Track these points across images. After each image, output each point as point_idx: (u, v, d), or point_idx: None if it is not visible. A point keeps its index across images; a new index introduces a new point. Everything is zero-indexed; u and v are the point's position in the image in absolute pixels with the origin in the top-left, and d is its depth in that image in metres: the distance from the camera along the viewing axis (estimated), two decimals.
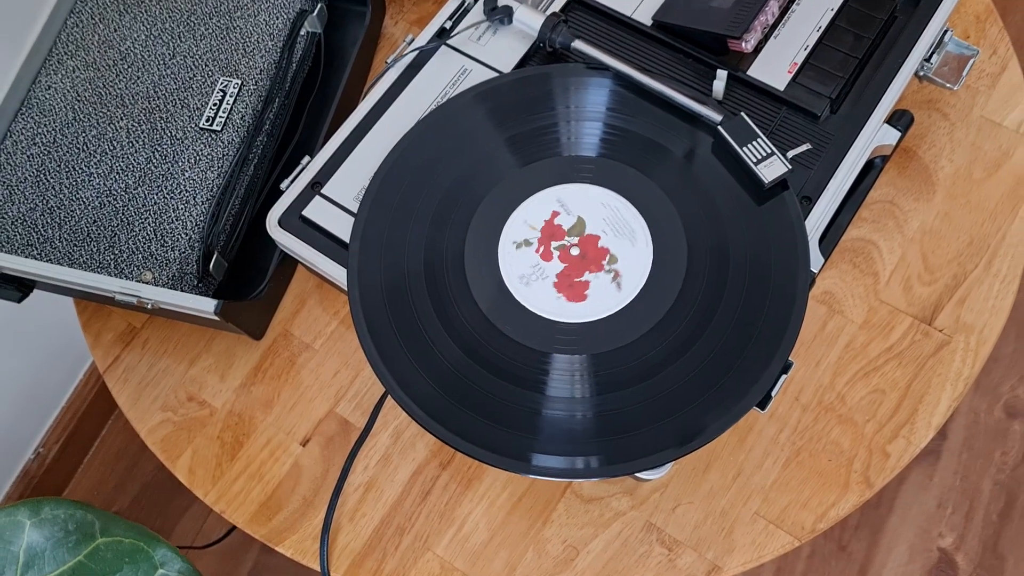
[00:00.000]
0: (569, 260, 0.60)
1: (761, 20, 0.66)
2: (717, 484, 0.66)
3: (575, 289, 0.59)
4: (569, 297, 0.58)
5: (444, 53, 0.70)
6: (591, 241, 0.60)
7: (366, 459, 0.69)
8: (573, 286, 0.59)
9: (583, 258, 0.60)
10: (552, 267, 0.59)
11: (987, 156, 0.74)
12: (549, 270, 0.59)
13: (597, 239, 0.60)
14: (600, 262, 0.59)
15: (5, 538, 0.50)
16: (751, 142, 0.61)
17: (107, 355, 0.74)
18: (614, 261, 0.59)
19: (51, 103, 0.72)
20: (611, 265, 0.59)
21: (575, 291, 0.59)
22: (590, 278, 0.59)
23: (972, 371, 0.68)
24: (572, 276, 0.59)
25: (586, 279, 0.59)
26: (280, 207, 0.65)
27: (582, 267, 0.59)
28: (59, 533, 0.52)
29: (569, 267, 0.59)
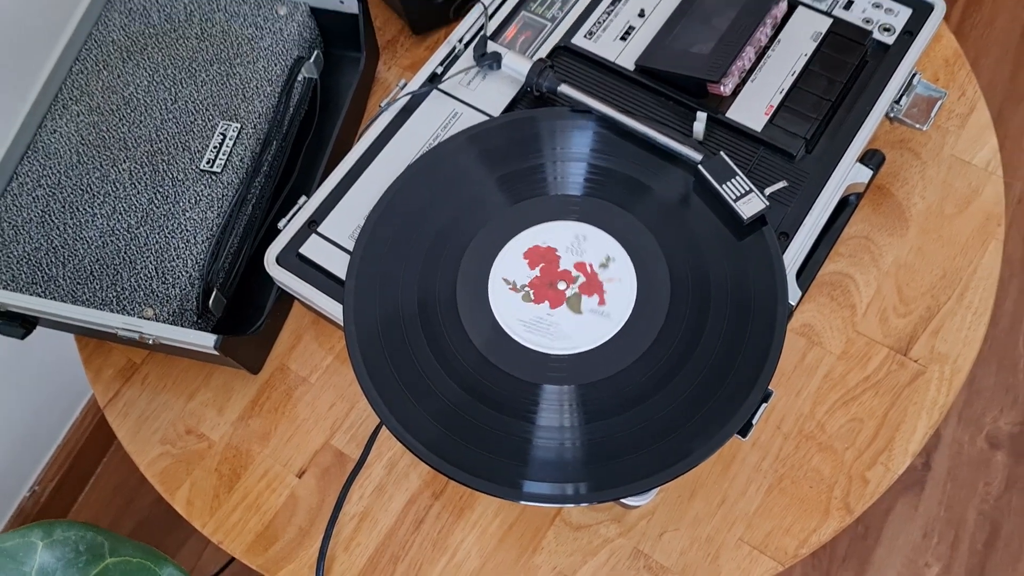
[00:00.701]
0: (556, 294, 0.62)
1: (738, 65, 0.70)
2: (702, 511, 0.68)
3: (554, 320, 0.61)
4: (546, 328, 0.61)
5: (436, 97, 0.73)
6: (578, 276, 0.63)
7: (361, 489, 0.70)
8: (554, 317, 0.61)
9: (570, 292, 0.62)
10: (540, 298, 0.62)
11: (958, 193, 0.77)
12: (536, 299, 0.62)
13: (584, 274, 0.63)
14: (586, 296, 0.62)
15: (18, 559, 0.52)
16: (730, 180, 0.64)
17: (108, 390, 0.76)
18: (601, 294, 0.62)
19: (56, 146, 0.74)
20: (597, 299, 0.62)
21: (554, 322, 0.61)
22: (571, 312, 0.61)
23: (947, 399, 0.70)
24: (558, 307, 0.62)
25: (567, 312, 0.61)
26: (278, 245, 0.68)
27: (557, 300, 0.62)
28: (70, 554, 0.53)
29: (558, 300, 0.62)
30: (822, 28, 0.72)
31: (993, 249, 0.75)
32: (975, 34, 1.69)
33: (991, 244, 0.75)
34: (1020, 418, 1.38)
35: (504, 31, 0.75)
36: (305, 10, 0.79)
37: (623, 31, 0.74)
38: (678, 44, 0.71)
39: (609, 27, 0.74)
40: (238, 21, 0.78)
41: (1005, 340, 1.43)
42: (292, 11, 0.79)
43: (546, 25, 0.75)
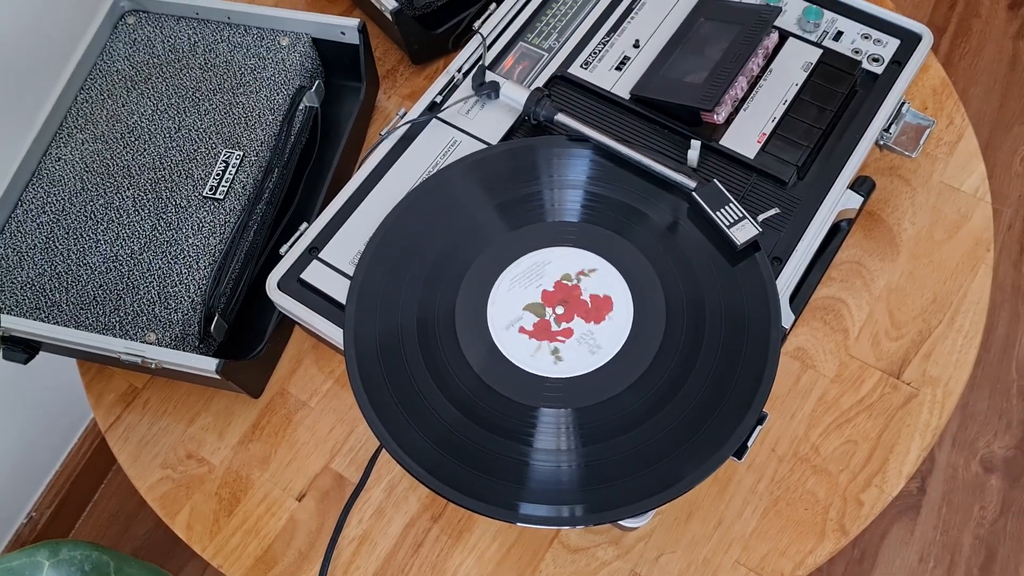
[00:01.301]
0: (556, 318, 0.63)
1: (731, 94, 0.71)
2: (699, 533, 0.68)
3: (553, 345, 0.62)
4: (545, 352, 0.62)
5: (435, 126, 0.74)
6: (575, 301, 0.64)
7: (360, 513, 0.71)
8: (552, 342, 0.62)
9: (567, 317, 0.63)
10: (538, 323, 0.63)
11: (947, 219, 0.79)
12: (533, 324, 0.63)
13: (580, 299, 0.64)
14: (582, 321, 0.63)
15: None
16: (723, 207, 0.65)
17: (109, 415, 0.77)
18: (597, 321, 0.63)
19: (61, 174, 0.75)
20: (594, 324, 0.63)
21: (552, 347, 0.62)
22: (568, 337, 0.62)
23: (940, 422, 0.71)
24: (556, 332, 0.63)
25: (565, 337, 0.62)
26: (279, 271, 0.69)
27: (567, 324, 0.63)
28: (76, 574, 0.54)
29: (555, 324, 0.63)
30: (812, 58, 0.74)
31: (983, 274, 0.76)
32: (963, 64, 1.72)
33: (980, 269, 0.76)
34: (1014, 442, 1.38)
35: (502, 61, 0.77)
36: (307, 41, 0.81)
37: (618, 61, 0.76)
38: (672, 74, 0.72)
39: (605, 57, 0.76)
40: (241, 52, 0.80)
41: (997, 365, 1.44)
42: (294, 42, 0.80)
43: (543, 55, 0.77)
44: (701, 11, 0.76)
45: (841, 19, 0.76)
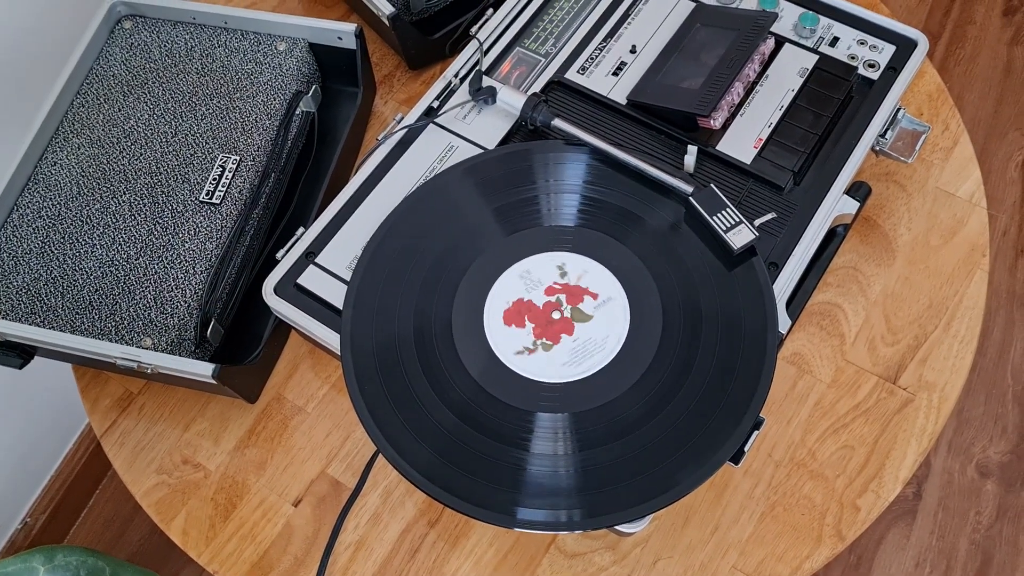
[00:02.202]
0: (552, 323, 0.63)
1: (728, 100, 0.71)
2: (695, 538, 0.68)
3: (548, 349, 0.62)
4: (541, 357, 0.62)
5: (432, 131, 0.74)
6: (572, 305, 0.64)
7: (356, 518, 0.71)
8: (548, 346, 0.62)
9: (563, 322, 0.63)
10: (534, 328, 0.63)
11: (943, 224, 0.79)
12: (530, 329, 0.63)
13: (578, 304, 0.64)
14: (579, 326, 0.63)
15: None
16: (720, 212, 0.65)
17: (104, 420, 0.76)
18: (593, 325, 0.63)
19: (57, 178, 0.75)
20: (590, 328, 0.63)
21: (548, 351, 0.62)
22: (565, 341, 0.62)
23: (936, 427, 0.71)
24: (552, 337, 0.63)
25: (561, 342, 0.62)
26: (276, 276, 0.69)
27: (563, 329, 0.63)
28: None
29: (551, 329, 0.63)
30: (808, 64, 0.74)
31: (978, 279, 0.76)
32: (958, 70, 1.73)
33: (976, 274, 0.76)
34: (1009, 447, 1.39)
35: (499, 66, 0.77)
36: (304, 46, 0.81)
37: (615, 66, 0.76)
38: (669, 79, 0.73)
39: (601, 63, 0.76)
40: (238, 57, 0.80)
41: (993, 370, 1.45)
42: (291, 47, 0.80)
43: (540, 61, 0.77)
44: (697, 17, 0.76)
45: (837, 25, 0.77)
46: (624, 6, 0.79)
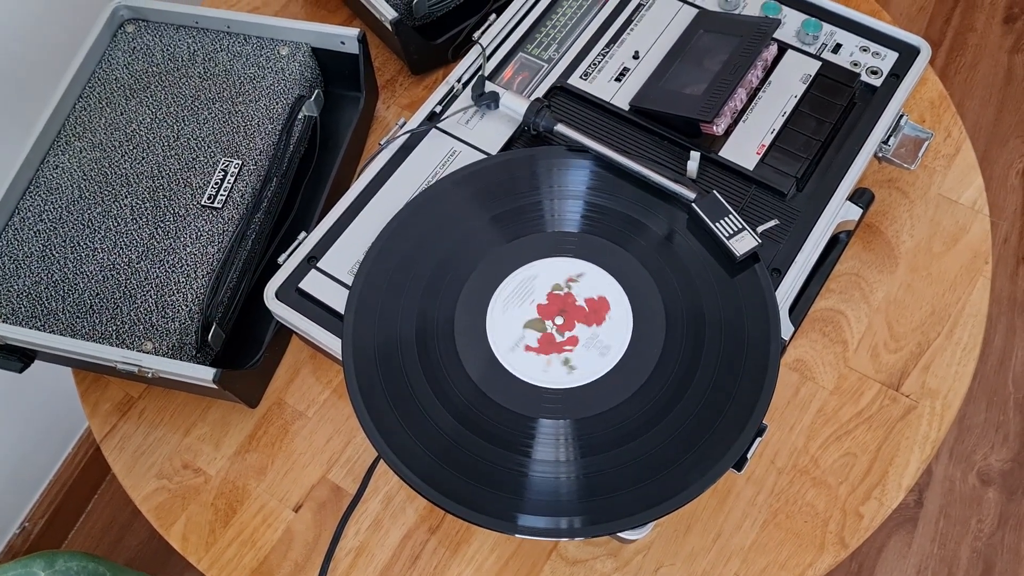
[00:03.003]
0: (555, 328, 0.63)
1: (730, 106, 0.71)
2: (698, 546, 0.68)
3: (551, 356, 0.62)
4: (543, 363, 0.62)
5: (434, 136, 0.74)
6: (575, 311, 0.63)
7: (357, 524, 0.70)
8: (551, 352, 0.62)
9: (567, 326, 0.63)
10: (536, 333, 0.63)
11: (945, 231, 0.79)
12: (532, 335, 0.63)
13: (581, 309, 0.64)
14: (583, 330, 0.63)
15: None
16: (723, 218, 0.65)
17: (104, 424, 0.76)
18: (596, 330, 0.63)
19: (58, 182, 0.75)
20: (594, 333, 0.63)
21: (551, 358, 0.62)
22: (567, 347, 0.62)
23: (939, 434, 0.71)
24: (556, 343, 0.62)
25: (569, 347, 0.62)
26: (277, 280, 0.68)
27: (566, 334, 0.63)
28: None
29: (552, 336, 0.63)
30: (811, 71, 0.74)
31: (981, 286, 0.76)
32: (959, 77, 1.73)
33: (979, 281, 0.76)
34: (1011, 455, 1.38)
35: (501, 72, 0.77)
36: (306, 50, 0.81)
37: (618, 72, 0.76)
38: (672, 85, 0.72)
39: (604, 68, 0.76)
40: (241, 61, 0.80)
41: (994, 378, 1.45)
42: (294, 51, 0.80)
43: (543, 66, 0.77)
44: (700, 23, 0.76)
45: (840, 32, 0.77)
46: (627, 12, 0.79)
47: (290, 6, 0.96)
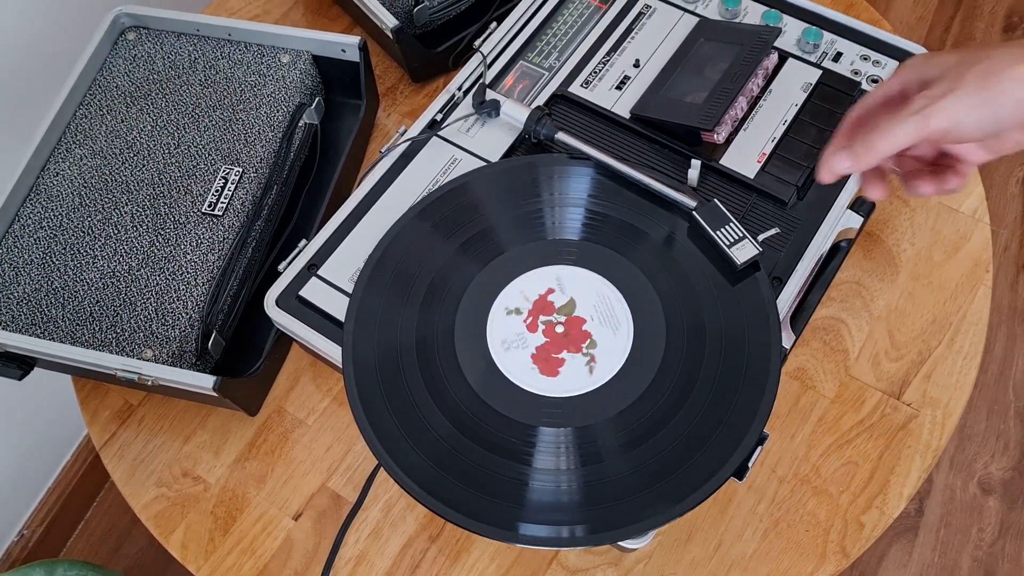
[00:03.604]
0: (554, 336, 0.63)
1: (731, 114, 0.71)
2: (699, 555, 0.68)
3: (552, 364, 0.62)
4: (543, 371, 0.61)
5: (435, 143, 0.74)
6: (576, 319, 0.63)
7: (357, 532, 0.70)
8: (551, 361, 0.62)
9: (566, 336, 0.63)
10: (537, 341, 0.63)
11: (946, 240, 0.79)
12: (533, 343, 0.62)
13: (581, 318, 0.63)
14: (583, 340, 0.63)
15: None
16: (724, 226, 0.65)
17: (104, 432, 0.76)
18: (597, 339, 0.63)
19: (59, 189, 0.75)
20: (594, 342, 0.63)
21: (551, 366, 0.62)
22: (568, 356, 0.62)
23: (940, 443, 0.71)
24: (554, 351, 0.62)
25: (564, 356, 0.62)
26: (278, 288, 0.68)
27: (565, 344, 0.63)
28: None
29: (552, 344, 0.62)
30: (812, 79, 0.74)
31: (982, 295, 0.76)
32: None
33: (980, 290, 0.76)
34: (1012, 464, 1.38)
35: (502, 80, 0.77)
36: (307, 58, 0.81)
37: (618, 80, 0.76)
38: (672, 94, 0.73)
39: (605, 77, 0.76)
40: (241, 68, 0.80)
41: (995, 386, 1.44)
42: (294, 59, 0.80)
43: (543, 74, 0.77)
44: (701, 32, 0.77)
45: (840, 40, 0.77)
46: (628, 20, 0.79)
47: (291, 14, 0.96)
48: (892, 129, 0.49)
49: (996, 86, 0.46)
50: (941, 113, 0.47)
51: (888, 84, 0.54)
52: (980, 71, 0.47)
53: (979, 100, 0.46)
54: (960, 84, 0.47)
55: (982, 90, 0.46)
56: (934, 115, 0.47)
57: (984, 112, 0.46)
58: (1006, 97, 0.46)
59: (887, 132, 0.49)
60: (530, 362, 0.62)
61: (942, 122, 0.47)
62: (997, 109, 0.46)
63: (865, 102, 0.55)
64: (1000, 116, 0.46)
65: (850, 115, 0.55)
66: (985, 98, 0.46)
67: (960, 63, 0.48)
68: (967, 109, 0.46)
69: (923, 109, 0.47)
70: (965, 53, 0.49)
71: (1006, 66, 0.46)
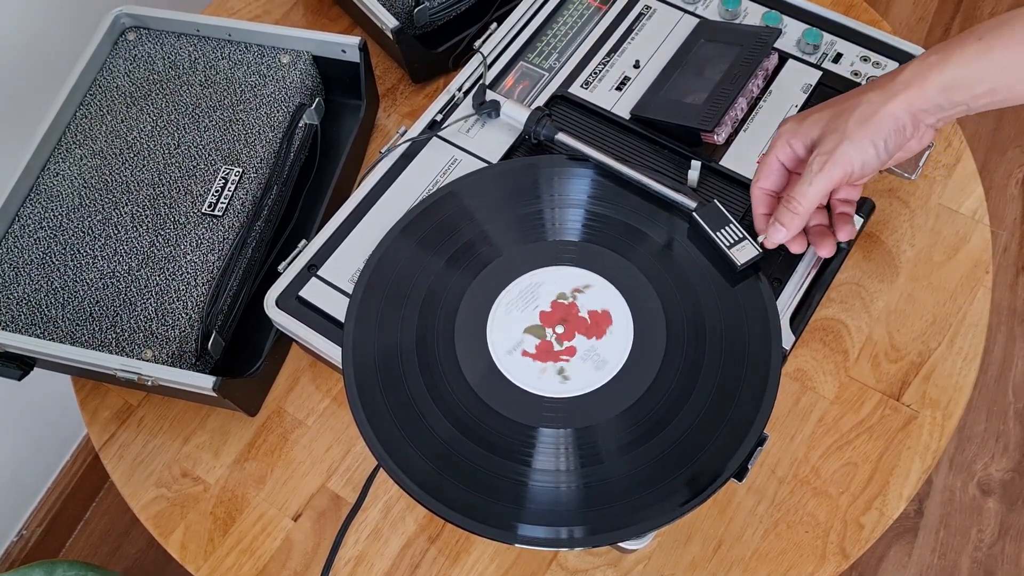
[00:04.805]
0: (555, 337, 0.63)
1: (731, 115, 0.71)
2: (699, 555, 0.68)
3: (552, 365, 0.62)
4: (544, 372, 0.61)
5: (435, 144, 0.74)
6: (576, 319, 0.63)
7: (357, 533, 0.70)
8: (551, 361, 0.62)
9: (567, 336, 0.63)
10: (537, 342, 0.63)
11: (946, 241, 0.79)
12: (533, 343, 0.62)
13: (583, 319, 0.63)
14: (583, 340, 0.63)
15: None
16: (724, 227, 0.65)
17: (103, 432, 0.76)
18: (597, 339, 0.63)
19: (59, 189, 0.75)
20: (594, 343, 0.63)
21: (551, 366, 0.62)
22: (568, 356, 0.62)
23: (940, 444, 0.71)
24: (555, 351, 0.62)
25: (569, 356, 0.62)
26: (278, 288, 0.68)
27: (565, 344, 0.63)
28: None
29: (553, 344, 0.62)
30: (812, 80, 0.74)
31: (982, 296, 0.76)
32: None
33: (979, 291, 0.76)
34: (1011, 465, 1.38)
35: (502, 80, 0.77)
36: (307, 59, 0.81)
37: (619, 81, 0.76)
38: (673, 94, 0.73)
39: (605, 77, 0.76)
40: (242, 69, 0.80)
41: (994, 387, 1.44)
42: (295, 60, 0.80)
43: (543, 75, 0.77)
44: (701, 32, 0.77)
45: (840, 41, 0.77)
46: (628, 21, 0.79)
47: (291, 14, 0.96)
48: (806, 191, 0.57)
49: (875, 125, 0.54)
50: (840, 162, 0.55)
51: (779, 152, 0.61)
52: (857, 118, 0.55)
53: (866, 142, 0.55)
54: (846, 135, 0.55)
55: (865, 133, 0.54)
56: (836, 165, 0.55)
57: (873, 150, 0.55)
58: (885, 130, 0.54)
59: (802, 195, 0.58)
60: (530, 362, 0.62)
61: (845, 168, 0.55)
62: (879, 140, 0.54)
63: (766, 177, 0.63)
64: (887, 145, 0.55)
65: (757, 189, 0.63)
66: (871, 139, 0.54)
67: (836, 116, 0.56)
68: (859, 151, 0.55)
69: (824, 165, 0.56)
70: (834, 107, 0.57)
71: (877, 107, 0.54)
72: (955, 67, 0.53)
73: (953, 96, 0.54)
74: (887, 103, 0.55)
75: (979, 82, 0.53)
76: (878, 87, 0.56)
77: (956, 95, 0.54)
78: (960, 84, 0.53)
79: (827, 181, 0.56)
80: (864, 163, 0.56)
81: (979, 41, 0.53)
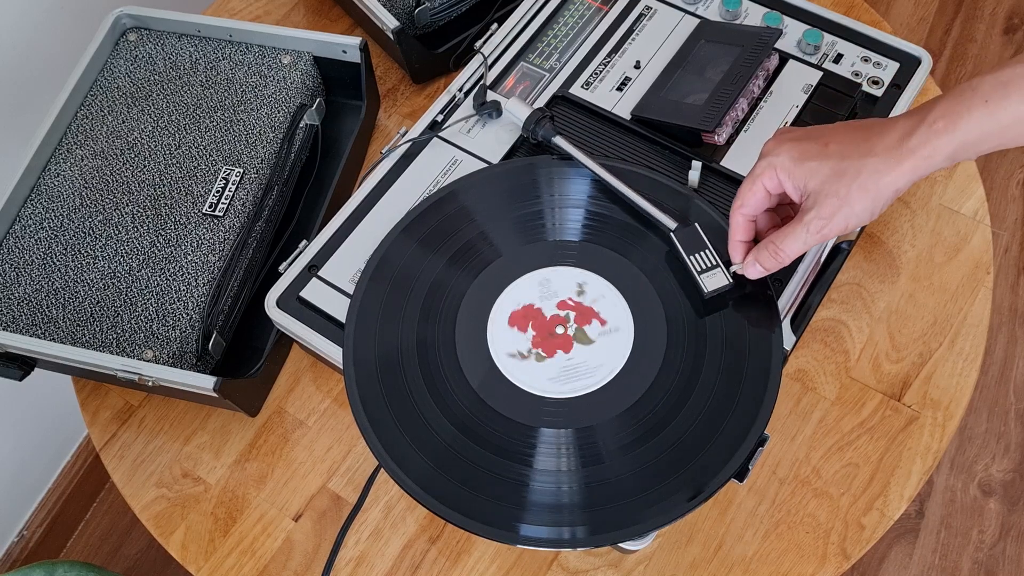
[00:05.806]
0: (555, 337, 0.63)
1: (732, 115, 0.71)
2: (699, 556, 0.68)
3: (552, 365, 0.62)
4: (544, 372, 0.61)
5: (436, 144, 0.74)
6: (577, 319, 0.63)
7: (357, 533, 0.70)
8: (552, 361, 0.62)
9: (568, 337, 0.63)
10: (538, 342, 0.63)
11: (947, 241, 0.79)
12: (534, 344, 0.62)
13: (583, 319, 0.63)
14: (585, 340, 0.63)
15: None
16: (700, 252, 0.64)
17: (104, 432, 0.76)
18: (598, 341, 0.63)
19: (60, 190, 0.75)
20: (594, 343, 0.63)
21: (552, 366, 0.62)
22: (569, 357, 0.62)
23: (940, 445, 0.71)
24: (555, 351, 0.62)
25: (571, 356, 0.62)
26: (278, 289, 0.68)
27: (566, 345, 0.63)
28: None
29: (553, 344, 0.62)
30: (812, 80, 0.74)
31: (982, 297, 0.76)
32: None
33: (980, 292, 0.76)
34: (1012, 466, 1.38)
35: (503, 81, 0.77)
36: (308, 59, 0.81)
37: (619, 82, 0.76)
38: (673, 95, 0.73)
39: (606, 78, 0.76)
40: (242, 69, 0.80)
41: (995, 388, 1.44)
42: (295, 60, 0.80)
43: (544, 75, 0.77)
44: (702, 33, 0.77)
45: (841, 42, 0.77)
46: (628, 22, 0.79)
47: (292, 15, 0.96)
48: (794, 246, 0.58)
49: (876, 194, 0.55)
50: (837, 228, 0.57)
51: (767, 181, 0.60)
52: (859, 186, 0.55)
53: (865, 209, 0.56)
54: (847, 202, 0.56)
55: (866, 203, 0.56)
56: (833, 228, 0.57)
57: (868, 215, 0.56)
58: (885, 198, 0.55)
59: (791, 248, 0.59)
60: (531, 362, 0.62)
61: (840, 231, 0.57)
62: (879, 207, 0.56)
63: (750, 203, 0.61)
64: (883, 207, 0.56)
65: (739, 215, 0.62)
66: (871, 208, 0.56)
67: (837, 176, 0.56)
68: (857, 217, 0.56)
69: (822, 228, 0.57)
70: (834, 159, 0.57)
71: (881, 176, 0.55)
72: (963, 134, 0.53)
73: (957, 158, 0.55)
74: (891, 172, 0.55)
75: (985, 143, 0.54)
76: (882, 150, 0.55)
77: (960, 156, 0.54)
78: (967, 148, 0.54)
79: (821, 239, 0.58)
80: (859, 222, 0.57)
81: (985, 104, 0.53)
